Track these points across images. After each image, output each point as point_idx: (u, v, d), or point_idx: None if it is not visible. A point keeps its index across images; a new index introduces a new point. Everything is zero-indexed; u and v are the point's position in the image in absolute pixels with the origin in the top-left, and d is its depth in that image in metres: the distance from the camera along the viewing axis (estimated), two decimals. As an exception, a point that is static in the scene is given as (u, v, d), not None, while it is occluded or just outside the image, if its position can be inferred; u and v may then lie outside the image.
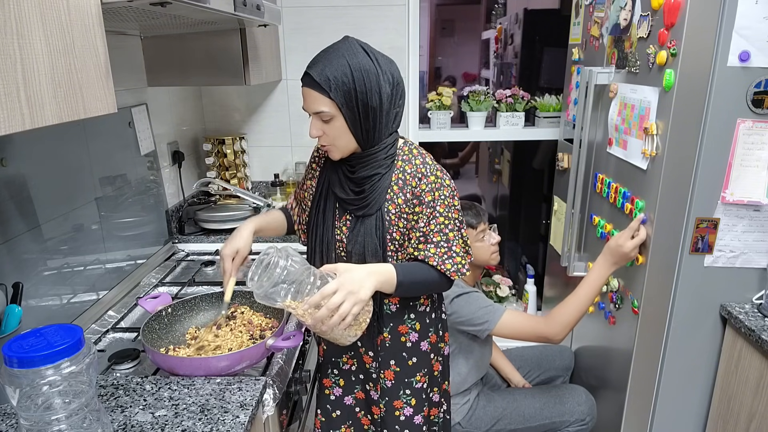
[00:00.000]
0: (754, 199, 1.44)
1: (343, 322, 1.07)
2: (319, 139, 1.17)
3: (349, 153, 1.19)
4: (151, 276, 1.79)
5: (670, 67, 1.40)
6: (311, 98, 1.13)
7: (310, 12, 2.28)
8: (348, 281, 1.07)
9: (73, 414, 0.83)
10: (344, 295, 1.06)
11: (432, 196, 1.19)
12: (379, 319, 1.27)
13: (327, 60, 1.11)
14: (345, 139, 1.16)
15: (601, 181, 1.84)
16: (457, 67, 3.50)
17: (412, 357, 1.31)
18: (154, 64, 1.89)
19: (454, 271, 1.21)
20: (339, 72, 1.10)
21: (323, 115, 1.13)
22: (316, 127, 1.15)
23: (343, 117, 1.13)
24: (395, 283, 1.15)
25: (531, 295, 2.79)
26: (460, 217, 1.24)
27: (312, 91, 1.12)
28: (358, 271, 1.11)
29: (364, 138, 1.16)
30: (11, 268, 1.20)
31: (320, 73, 1.10)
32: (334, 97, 1.10)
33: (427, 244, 1.20)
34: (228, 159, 2.33)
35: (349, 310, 1.06)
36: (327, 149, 1.19)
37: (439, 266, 1.19)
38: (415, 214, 1.20)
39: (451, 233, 1.21)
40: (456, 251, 1.21)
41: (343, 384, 1.36)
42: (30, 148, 1.27)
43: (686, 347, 1.59)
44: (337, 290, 1.06)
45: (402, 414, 1.32)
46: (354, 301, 1.06)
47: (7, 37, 0.72)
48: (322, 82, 1.10)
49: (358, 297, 1.07)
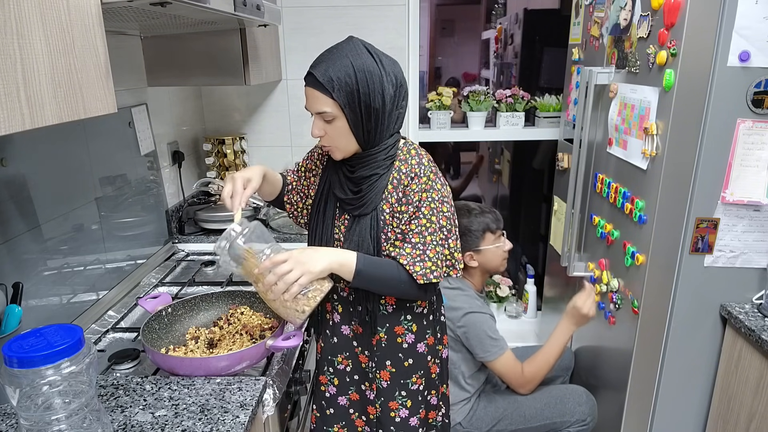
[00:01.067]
0: (754, 199, 1.44)
1: (289, 291, 1.10)
2: (321, 139, 1.17)
3: (351, 153, 1.19)
4: (151, 276, 1.79)
5: (670, 67, 1.40)
6: (314, 98, 1.13)
7: (310, 12, 2.28)
8: (300, 254, 1.12)
9: (73, 414, 0.83)
10: (293, 264, 1.10)
11: (419, 197, 1.18)
12: (373, 319, 1.27)
13: (330, 60, 1.11)
14: (346, 139, 1.16)
15: (601, 181, 1.84)
16: (457, 67, 3.50)
17: (408, 358, 1.30)
18: (154, 64, 1.89)
19: (421, 275, 1.16)
20: (342, 73, 1.09)
21: (325, 115, 1.13)
22: (318, 127, 1.15)
23: (345, 118, 1.13)
24: (353, 270, 1.15)
25: (531, 295, 2.79)
26: (448, 225, 1.20)
27: (315, 91, 1.12)
28: (318, 250, 1.15)
29: (365, 139, 1.16)
30: (11, 268, 1.20)
31: (323, 74, 1.10)
32: (337, 98, 1.10)
33: (404, 243, 1.18)
34: (228, 159, 2.33)
35: (295, 279, 1.09)
36: (328, 149, 1.19)
37: (408, 266, 1.16)
38: (402, 213, 1.19)
39: (430, 237, 1.17)
40: (429, 255, 1.16)
41: (337, 383, 1.36)
42: (30, 148, 1.27)
43: (686, 347, 1.59)
44: (287, 259, 1.10)
45: (397, 415, 1.32)
46: (302, 271, 1.10)
47: (7, 37, 0.72)
48: (325, 82, 1.10)
49: (306, 268, 1.10)
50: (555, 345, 1.79)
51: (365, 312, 1.27)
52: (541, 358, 1.79)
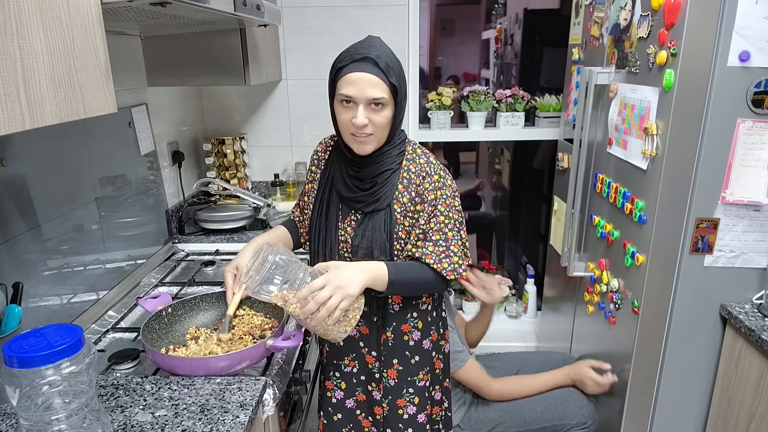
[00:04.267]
0: (754, 199, 1.44)
1: (331, 317, 1.07)
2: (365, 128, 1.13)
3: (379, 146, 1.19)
4: (151, 276, 1.79)
5: (670, 67, 1.40)
6: (370, 84, 1.09)
7: (310, 12, 2.28)
8: (336, 277, 1.08)
9: (73, 414, 0.83)
10: (332, 290, 1.06)
11: (434, 195, 1.20)
12: (382, 318, 1.27)
13: (376, 48, 1.11)
14: (386, 130, 1.16)
15: (601, 181, 1.84)
16: (457, 67, 3.50)
17: (414, 355, 1.31)
18: (154, 64, 1.89)
19: (451, 271, 1.21)
20: (392, 60, 1.11)
21: (380, 101, 1.11)
22: (365, 115, 1.12)
23: (394, 106, 1.13)
24: (387, 281, 1.15)
25: (531, 295, 2.79)
26: (460, 218, 1.24)
27: (372, 76, 1.09)
28: (348, 268, 1.11)
29: (392, 132, 1.18)
30: (11, 268, 1.20)
31: (379, 59, 1.08)
32: (394, 82, 1.10)
33: (426, 242, 1.20)
34: (228, 159, 2.33)
35: (337, 304, 1.07)
36: (365, 140, 1.15)
37: (435, 265, 1.19)
38: (417, 212, 1.20)
39: (450, 233, 1.21)
40: (454, 251, 1.21)
41: (344, 387, 1.36)
42: (30, 148, 1.27)
43: (686, 347, 1.59)
44: (325, 285, 1.07)
45: (405, 412, 1.32)
46: (342, 296, 1.07)
47: (7, 37, 0.72)
48: (384, 67, 1.09)
49: (347, 292, 1.07)
50: (541, 383, 1.83)
51: (372, 313, 1.27)
52: (519, 384, 1.83)
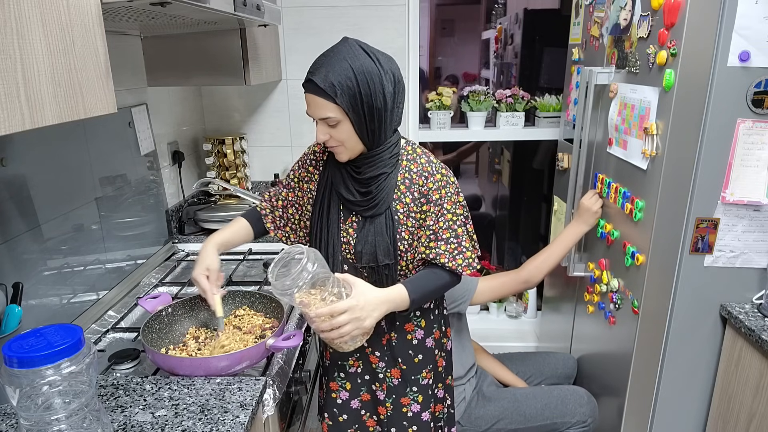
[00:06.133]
0: (754, 199, 1.44)
1: (341, 340, 1.14)
2: (326, 142, 1.17)
3: (357, 154, 1.19)
4: (151, 276, 1.78)
5: (670, 67, 1.40)
6: (316, 104, 1.12)
7: (310, 12, 2.28)
8: (359, 309, 1.11)
9: (73, 414, 0.83)
10: (350, 319, 1.10)
11: (439, 194, 1.20)
12: (388, 321, 1.28)
13: (329, 65, 1.10)
14: (352, 141, 1.16)
15: (601, 181, 1.84)
16: (457, 67, 3.50)
17: (418, 354, 1.32)
18: (154, 64, 1.89)
19: (465, 266, 1.22)
20: (343, 76, 1.09)
21: (329, 120, 1.12)
22: (323, 131, 1.15)
23: (349, 121, 1.12)
24: (408, 304, 1.19)
25: (531, 295, 2.79)
26: (465, 212, 1.25)
27: (317, 97, 1.11)
28: (372, 300, 1.14)
29: (370, 139, 1.16)
30: (11, 268, 1.20)
31: (324, 79, 1.09)
32: (340, 103, 1.10)
33: (438, 242, 1.21)
34: (228, 159, 2.33)
35: (349, 333, 1.12)
36: (335, 150, 1.19)
37: (450, 263, 1.21)
38: (423, 213, 1.20)
39: (460, 229, 1.22)
40: (465, 246, 1.23)
41: (349, 387, 1.36)
42: (30, 148, 1.27)
43: (686, 347, 1.59)
44: (346, 311, 1.10)
45: (409, 410, 1.33)
46: (356, 326, 1.11)
47: (7, 37, 0.72)
48: (327, 88, 1.09)
49: (362, 325, 1.12)
50: (561, 243, 1.81)
51: None
52: (544, 255, 1.79)
